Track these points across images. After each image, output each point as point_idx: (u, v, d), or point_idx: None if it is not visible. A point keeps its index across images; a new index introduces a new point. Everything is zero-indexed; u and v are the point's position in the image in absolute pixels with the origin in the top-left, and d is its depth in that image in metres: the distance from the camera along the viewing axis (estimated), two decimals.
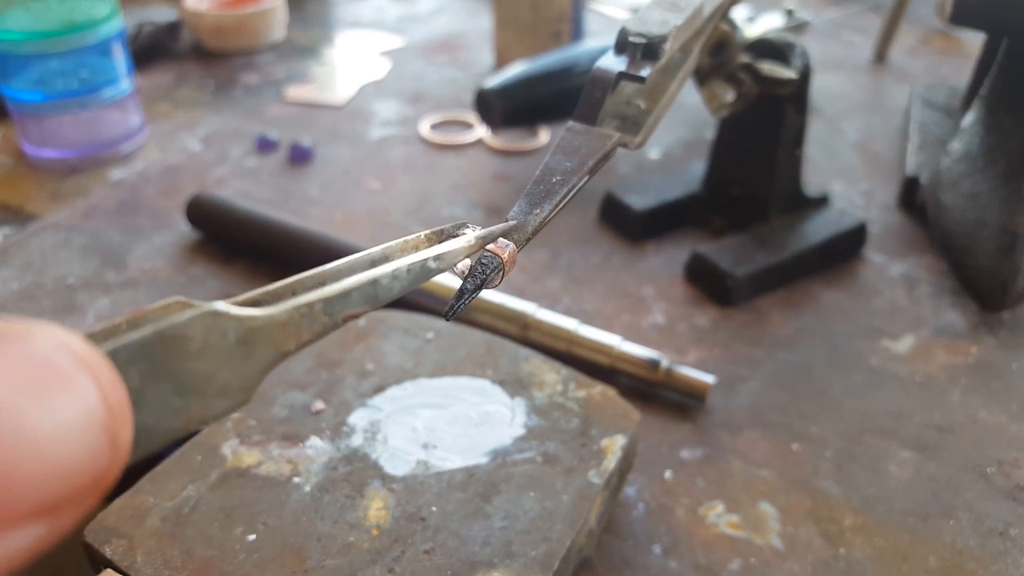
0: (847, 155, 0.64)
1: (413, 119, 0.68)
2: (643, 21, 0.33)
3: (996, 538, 0.35)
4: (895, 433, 0.40)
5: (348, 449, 0.32)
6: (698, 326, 0.46)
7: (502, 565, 0.28)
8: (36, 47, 0.56)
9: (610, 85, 0.31)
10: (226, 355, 0.17)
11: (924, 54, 0.81)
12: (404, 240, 0.23)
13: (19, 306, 0.47)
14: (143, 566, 0.28)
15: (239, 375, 0.17)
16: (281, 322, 0.18)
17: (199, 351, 0.16)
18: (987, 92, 0.50)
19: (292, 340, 0.18)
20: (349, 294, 0.19)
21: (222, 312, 0.17)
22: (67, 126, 0.60)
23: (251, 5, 0.80)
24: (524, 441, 0.33)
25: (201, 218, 0.52)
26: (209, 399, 0.17)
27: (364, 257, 0.22)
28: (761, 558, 0.34)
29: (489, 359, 0.37)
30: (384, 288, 0.20)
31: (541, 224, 0.27)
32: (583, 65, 0.60)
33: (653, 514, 0.36)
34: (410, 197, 0.58)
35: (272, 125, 0.67)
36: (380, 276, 0.20)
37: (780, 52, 0.48)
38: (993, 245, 0.47)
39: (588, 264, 0.51)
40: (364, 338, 0.38)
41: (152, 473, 0.31)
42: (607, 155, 0.30)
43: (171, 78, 0.76)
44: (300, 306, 0.18)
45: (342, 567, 0.28)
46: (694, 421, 0.40)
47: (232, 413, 0.17)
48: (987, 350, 0.45)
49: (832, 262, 0.51)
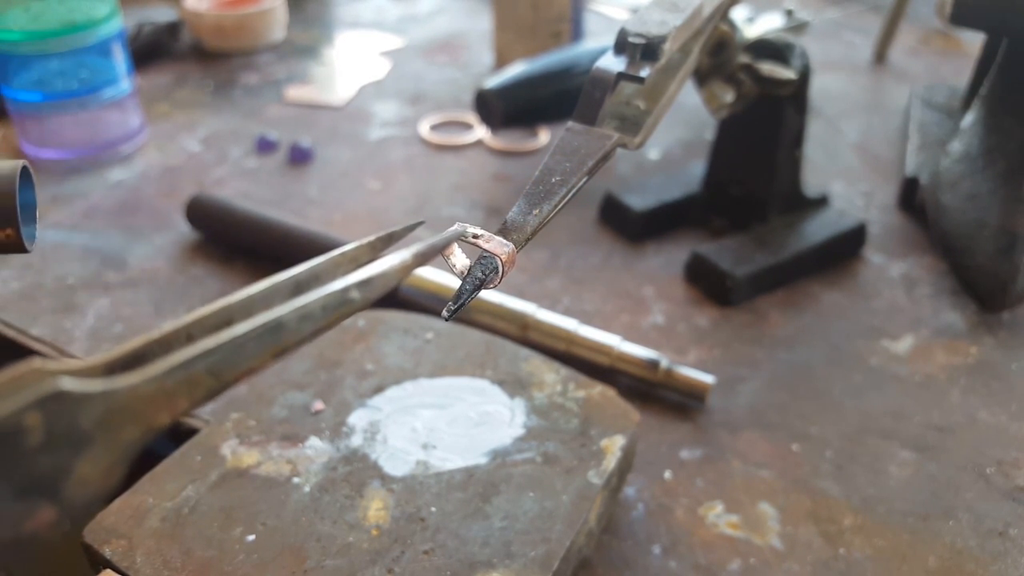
0: (847, 155, 0.64)
1: (413, 120, 0.68)
2: (643, 21, 0.33)
3: (996, 538, 0.35)
4: (895, 433, 0.40)
5: (348, 449, 0.32)
6: (698, 326, 0.46)
7: (502, 565, 0.28)
8: (36, 47, 0.56)
9: (610, 85, 0.31)
10: (79, 444, 0.14)
11: (924, 54, 0.81)
12: (341, 252, 0.19)
13: (19, 306, 0.47)
14: (143, 566, 0.28)
15: (99, 463, 0.14)
16: (148, 394, 0.14)
17: (41, 445, 0.13)
18: (987, 92, 0.50)
19: (165, 412, 0.15)
20: (241, 346, 0.15)
21: (67, 393, 0.13)
22: (67, 126, 0.60)
23: (251, 5, 0.80)
24: (524, 441, 0.33)
25: (201, 218, 0.52)
26: (63, 498, 0.14)
27: (288, 280, 0.18)
28: (761, 558, 0.34)
29: (489, 359, 0.37)
30: (291, 332, 0.16)
31: (540, 224, 0.27)
32: (583, 65, 0.60)
33: (653, 514, 0.36)
34: (410, 198, 0.58)
35: (272, 125, 0.67)
36: (284, 318, 0.16)
37: (780, 52, 0.48)
38: (993, 245, 0.47)
39: (588, 264, 0.51)
40: (364, 338, 0.38)
41: (152, 473, 0.31)
42: (606, 155, 0.30)
43: (171, 78, 0.76)
44: (174, 369, 0.14)
45: (342, 567, 0.28)
46: (694, 421, 0.40)
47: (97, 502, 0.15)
48: (987, 350, 0.45)
49: (832, 262, 0.51)
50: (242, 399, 0.35)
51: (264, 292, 0.18)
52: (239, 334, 0.15)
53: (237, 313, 0.17)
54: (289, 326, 0.16)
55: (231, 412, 0.34)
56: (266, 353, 0.16)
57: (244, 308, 0.17)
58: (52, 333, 0.45)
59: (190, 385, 0.15)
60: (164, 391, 0.14)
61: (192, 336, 0.16)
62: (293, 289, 0.18)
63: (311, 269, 0.19)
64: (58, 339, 0.44)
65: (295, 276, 0.18)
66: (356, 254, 0.20)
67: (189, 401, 0.15)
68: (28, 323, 0.46)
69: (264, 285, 0.18)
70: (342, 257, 0.19)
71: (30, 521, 0.13)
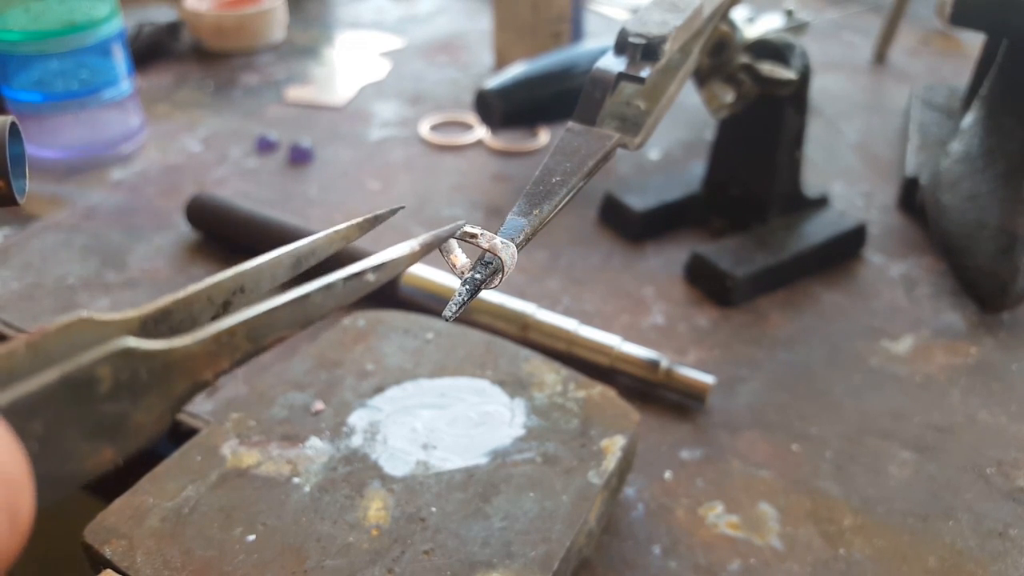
0: (847, 156, 0.64)
1: (413, 120, 0.68)
2: (643, 22, 0.33)
3: (996, 539, 0.35)
4: (895, 433, 0.40)
5: (348, 449, 0.32)
6: (698, 326, 0.46)
7: (501, 565, 0.28)
8: (36, 47, 0.56)
9: (610, 86, 0.31)
10: (138, 394, 0.15)
11: (924, 55, 0.81)
12: (334, 231, 0.22)
13: (19, 306, 0.47)
14: (143, 566, 0.28)
15: (152, 412, 0.16)
16: (198, 353, 0.16)
17: (109, 393, 0.15)
18: (987, 93, 0.50)
19: (209, 370, 0.17)
20: (275, 316, 0.17)
21: (133, 349, 0.15)
22: (67, 127, 0.60)
23: (251, 5, 0.80)
24: (524, 441, 0.33)
25: (201, 218, 0.52)
26: (120, 440, 0.15)
27: (290, 253, 0.20)
28: (761, 558, 0.34)
29: (489, 359, 0.37)
30: (316, 306, 0.18)
31: (540, 224, 0.27)
32: (583, 66, 0.60)
33: (653, 514, 0.36)
34: (410, 198, 0.58)
35: (272, 126, 0.67)
36: (312, 292, 0.18)
37: (780, 53, 0.48)
38: (992, 246, 0.47)
39: (588, 264, 0.52)
40: (364, 338, 0.38)
41: (152, 473, 0.31)
42: (607, 156, 0.30)
43: (171, 78, 0.76)
44: (220, 334, 0.16)
45: (342, 567, 0.28)
46: (694, 421, 0.40)
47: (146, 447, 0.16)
48: (987, 351, 0.45)
49: (832, 263, 0.51)
50: (242, 399, 0.35)
51: (270, 262, 0.20)
52: (274, 306, 0.17)
53: (248, 280, 0.19)
54: (315, 300, 0.18)
55: (231, 412, 0.34)
56: (295, 323, 0.18)
57: (253, 276, 0.19)
58: None
59: (232, 348, 0.17)
60: (211, 352, 0.16)
61: (211, 298, 0.19)
62: (294, 262, 0.20)
63: (309, 244, 0.21)
64: None
65: (295, 250, 0.20)
66: (347, 232, 0.22)
67: (230, 361, 0.17)
68: (28, 323, 0.46)
69: (269, 257, 0.20)
70: (336, 235, 0.22)
71: (94, 460, 0.15)
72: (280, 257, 0.20)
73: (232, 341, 0.17)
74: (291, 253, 0.20)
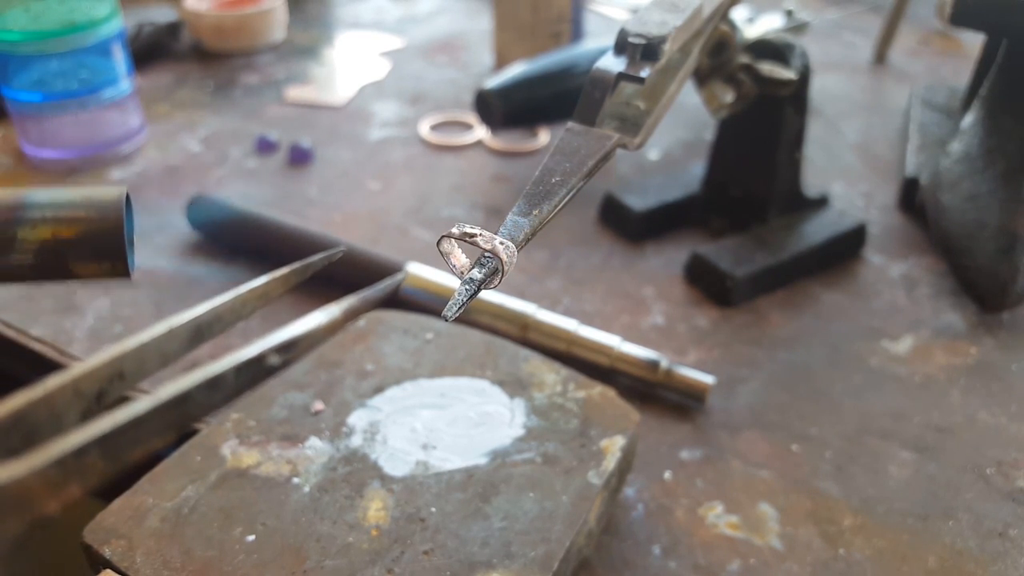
0: (847, 156, 0.64)
1: (413, 120, 0.68)
2: (642, 22, 0.33)
3: (995, 539, 0.35)
4: (895, 434, 0.40)
5: (347, 449, 0.32)
6: (698, 327, 0.46)
7: (501, 566, 0.28)
8: (36, 47, 0.56)
9: (609, 86, 0.31)
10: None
11: (924, 55, 0.81)
12: (249, 288, 0.17)
13: (19, 306, 0.47)
14: (142, 566, 0.28)
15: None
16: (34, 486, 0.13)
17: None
18: (987, 93, 0.50)
19: (53, 501, 0.13)
20: (141, 424, 0.14)
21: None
22: (67, 126, 0.60)
23: (251, 5, 0.80)
24: (523, 442, 0.33)
25: (201, 218, 0.52)
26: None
27: (186, 324, 0.16)
28: (760, 559, 0.34)
29: (489, 360, 0.37)
30: (198, 404, 0.14)
31: (540, 224, 0.27)
32: (583, 66, 0.60)
33: (652, 515, 0.36)
34: (410, 198, 0.58)
35: (272, 126, 0.67)
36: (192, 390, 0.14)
37: (780, 53, 0.48)
38: (992, 246, 0.47)
39: (588, 265, 0.52)
40: (364, 338, 0.38)
41: (151, 473, 0.31)
42: (606, 156, 0.30)
43: (171, 78, 0.76)
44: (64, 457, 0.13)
45: (341, 567, 0.28)
46: (694, 422, 0.40)
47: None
48: (986, 351, 0.45)
49: (832, 263, 0.51)
50: (242, 399, 0.35)
51: (158, 340, 0.16)
52: (139, 413, 0.14)
53: (128, 363, 0.15)
54: (196, 398, 0.14)
55: (231, 412, 0.34)
56: (169, 429, 0.14)
57: (136, 357, 0.16)
58: (52, 333, 0.45)
59: (83, 472, 0.13)
60: (53, 481, 0.13)
61: (80, 391, 0.15)
62: (192, 334, 0.17)
63: (213, 310, 0.17)
64: (58, 339, 0.44)
65: (195, 319, 0.17)
66: (266, 289, 0.18)
67: (82, 488, 0.13)
68: (28, 323, 0.46)
69: (158, 331, 0.16)
70: (250, 294, 0.18)
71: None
72: (174, 331, 0.16)
73: (83, 463, 0.13)
74: (189, 324, 0.17)
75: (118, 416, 0.14)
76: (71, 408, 0.15)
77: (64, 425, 0.15)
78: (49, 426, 0.15)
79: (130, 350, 0.16)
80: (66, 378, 0.15)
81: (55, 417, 0.15)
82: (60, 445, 0.13)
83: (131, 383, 0.16)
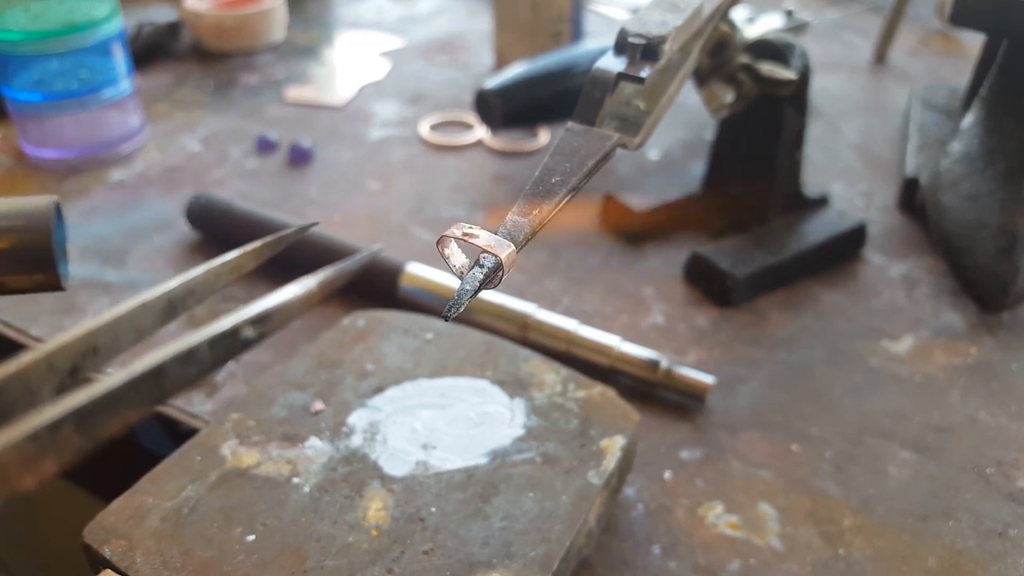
0: (847, 156, 0.64)
1: (413, 120, 0.68)
2: (642, 22, 0.33)
3: (995, 539, 0.35)
4: (895, 434, 0.40)
5: (347, 449, 0.32)
6: (698, 326, 0.46)
7: (501, 566, 0.28)
8: (36, 47, 0.56)
9: (609, 86, 0.31)
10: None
11: (924, 55, 0.81)
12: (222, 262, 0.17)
13: (19, 306, 0.47)
14: (142, 566, 0.28)
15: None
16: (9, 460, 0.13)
17: None
18: (986, 93, 0.50)
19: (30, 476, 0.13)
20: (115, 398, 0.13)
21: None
22: (67, 126, 0.60)
23: (251, 5, 0.80)
24: (523, 442, 0.33)
25: (201, 218, 0.52)
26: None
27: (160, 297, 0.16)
28: (760, 559, 0.34)
29: (489, 359, 0.37)
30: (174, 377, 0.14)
31: (540, 224, 0.27)
32: (583, 66, 0.60)
33: (652, 515, 0.36)
34: (410, 198, 0.58)
35: (272, 126, 0.67)
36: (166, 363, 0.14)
37: (780, 53, 0.48)
38: (992, 246, 0.47)
39: (588, 265, 0.51)
40: (364, 338, 0.38)
41: (151, 473, 0.31)
42: (606, 156, 0.30)
43: (171, 78, 0.76)
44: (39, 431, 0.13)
45: (341, 568, 0.28)
46: (694, 421, 0.40)
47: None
48: (986, 351, 0.45)
49: (832, 263, 0.51)
50: (242, 399, 0.35)
51: (132, 313, 0.16)
52: (114, 386, 0.14)
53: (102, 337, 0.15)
54: (170, 372, 0.14)
55: (231, 412, 0.34)
56: (144, 403, 0.14)
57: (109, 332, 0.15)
58: (52, 333, 0.45)
59: (59, 446, 0.13)
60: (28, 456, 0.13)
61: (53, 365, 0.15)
62: (166, 308, 0.16)
63: (186, 283, 0.17)
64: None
65: (167, 292, 0.16)
66: (239, 262, 0.18)
67: (57, 464, 0.13)
68: (28, 323, 0.46)
69: (132, 304, 0.16)
70: (223, 267, 0.17)
71: None
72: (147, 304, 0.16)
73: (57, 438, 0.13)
74: (161, 298, 0.16)
75: (92, 390, 0.13)
76: (45, 383, 0.15)
77: (38, 400, 0.15)
78: (23, 402, 0.15)
79: (103, 324, 0.16)
80: (39, 353, 0.15)
81: (29, 392, 0.15)
82: (34, 420, 0.13)
83: (105, 358, 0.16)
